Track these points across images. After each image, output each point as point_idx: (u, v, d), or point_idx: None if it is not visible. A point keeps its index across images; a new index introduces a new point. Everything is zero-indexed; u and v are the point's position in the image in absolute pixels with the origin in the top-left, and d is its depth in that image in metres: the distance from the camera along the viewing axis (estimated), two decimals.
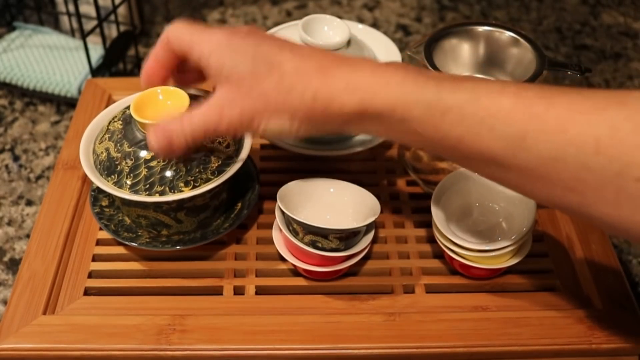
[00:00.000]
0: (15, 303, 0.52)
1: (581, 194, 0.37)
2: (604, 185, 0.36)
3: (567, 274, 0.56)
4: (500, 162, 0.39)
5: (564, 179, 0.37)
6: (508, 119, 0.38)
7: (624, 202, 0.36)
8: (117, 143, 0.52)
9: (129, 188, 0.51)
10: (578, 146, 0.36)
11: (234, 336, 0.50)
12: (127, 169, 0.51)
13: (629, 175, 0.35)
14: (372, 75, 0.43)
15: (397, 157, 0.66)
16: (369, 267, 0.56)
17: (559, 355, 0.51)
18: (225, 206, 0.58)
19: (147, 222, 0.55)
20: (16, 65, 0.82)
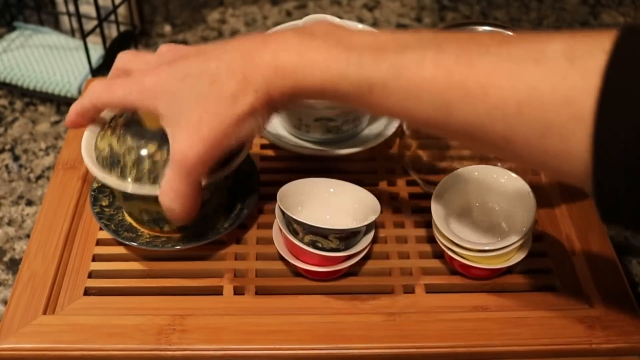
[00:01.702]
0: (15, 303, 0.52)
1: (513, 151, 0.39)
2: (531, 143, 0.37)
3: (567, 274, 0.56)
4: (434, 125, 0.41)
5: (493, 139, 0.39)
6: (432, 90, 0.39)
7: (552, 158, 0.37)
8: (120, 137, 0.52)
9: (133, 181, 0.51)
10: (502, 109, 0.37)
11: (234, 336, 0.50)
12: (130, 163, 0.51)
13: (553, 133, 0.36)
14: (297, 56, 0.43)
15: (397, 157, 0.66)
16: (369, 267, 0.56)
17: (559, 355, 0.51)
18: (226, 203, 0.57)
19: (149, 217, 0.54)
20: (16, 65, 0.82)
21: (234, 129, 0.46)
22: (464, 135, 0.40)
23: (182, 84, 0.46)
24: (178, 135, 0.46)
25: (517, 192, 0.55)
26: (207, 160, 0.46)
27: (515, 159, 0.40)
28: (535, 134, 0.37)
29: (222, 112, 0.45)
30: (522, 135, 0.37)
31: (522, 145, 0.38)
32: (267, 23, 0.99)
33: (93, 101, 0.50)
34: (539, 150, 0.37)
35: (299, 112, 0.62)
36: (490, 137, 0.39)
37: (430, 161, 0.64)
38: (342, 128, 0.63)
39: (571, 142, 0.35)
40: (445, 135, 0.42)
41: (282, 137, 0.65)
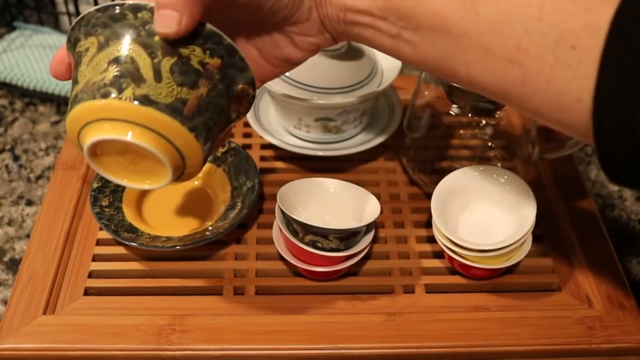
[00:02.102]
0: (15, 303, 0.52)
1: (522, 68, 0.38)
2: (543, 54, 0.37)
3: (567, 274, 0.56)
4: (451, 28, 0.40)
5: (507, 48, 0.38)
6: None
7: (560, 73, 0.36)
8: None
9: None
10: (523, 11, 0.37)
11: (234, 336, 0.50)
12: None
13: (566, 42, 0.36)
14: None
15: (397, 157, 0.66)
16: (369, 267, 0.56)
17: (559, 355, 0.51)
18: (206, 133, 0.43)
19: (116, 72, 0.41)
20: (16, 65, 0.82)
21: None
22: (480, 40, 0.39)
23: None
24: None
25: (517, 192, 0.55)
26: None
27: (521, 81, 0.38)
28: (549, 41, 0.36)
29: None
30: (535, 42, 0.37)
31: (533, 56, 0.37)
32: None
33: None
34: (549, 62, 0.37)
35: (299, 112, 0.62)
36: (503, 45, 0.38)
37: (430, 161, 0.65)
38: (342, 128, 0.63)
39: (582, 53, 0.35)
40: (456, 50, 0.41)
41: (282, 137, 0.65)
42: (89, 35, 0.43)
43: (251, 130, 0.69)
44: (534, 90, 0.38)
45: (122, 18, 0.41)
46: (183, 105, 0.41)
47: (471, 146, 0.66)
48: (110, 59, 0.41)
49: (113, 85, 0.40)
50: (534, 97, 0.39)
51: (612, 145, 0.36)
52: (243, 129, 0.70)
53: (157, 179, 0.43)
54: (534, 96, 0.39)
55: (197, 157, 0.43)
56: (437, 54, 0.42)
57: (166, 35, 0.40)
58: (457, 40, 0.40)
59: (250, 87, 0.45)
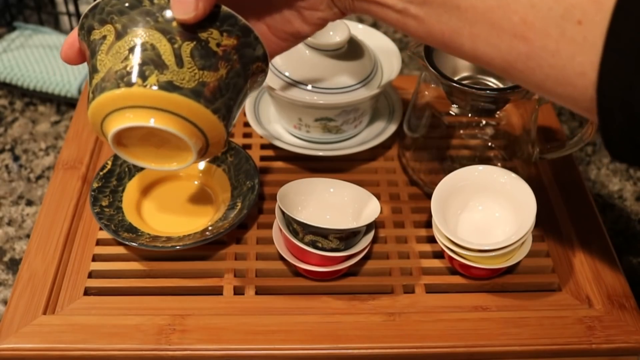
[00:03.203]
0: (15, 303, 0.52)
1: (527, 42, 0.38)
2: (548, 28, 0.37)
3: (567, 274, 0.56)
4: (458, 3, 0.40)
5: (514, 22, 0.38)
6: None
7: (565, 47, 0.36)
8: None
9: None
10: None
11: (234, 336, 0.50)
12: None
13: (572, 17, 0.36)
14: None
15: (397, 157, 0.66)
16: (369, 267, 0.56)
17: (559, 355, 0.51)
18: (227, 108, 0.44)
19: (137, 60, 0.41)
20: (16, 65, 0.82)
21: None
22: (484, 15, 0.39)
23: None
24: None
25: (517, 192, 0.55)
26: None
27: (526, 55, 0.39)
28: (555, 15, 0.36)
29: None
30: (541, 16, 0.37)
31: (539, 30, 0.37)
32: None
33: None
34: (554, 37, 0.37)
35: (299, 112, 0.62)
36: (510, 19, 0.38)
37: (430, 161, 0.64)
38: (342, 128, 0.63)
39: (587, 28, 0.35)
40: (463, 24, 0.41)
41: (282, 137, 0.65)
42: (104, 23, 0.43)
43: (251, 130, 0.69)
44: (538, 64, 0.38)
45: (139, 5, 0.42)
46: (206, 89, 0.42)
47: (471, 146, 0.66)
48: (131, 46, 0.41)
49: (136, 73, 0.41)
50: (538, 70, 0.39)
51: (615, 120, 0.36)
52: (243, 129, 0.70)
53: (182, 160, 0.45)
54: (539, 70, 0.39)
55: (221, 136, 0.44)
56: (443, 29, 0.42)
57: (185, 21, 0.41)
58: (464, 15, 0.40)
59: (264, 63, 0.46)
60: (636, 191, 0.72)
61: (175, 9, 0.41)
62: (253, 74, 0.46)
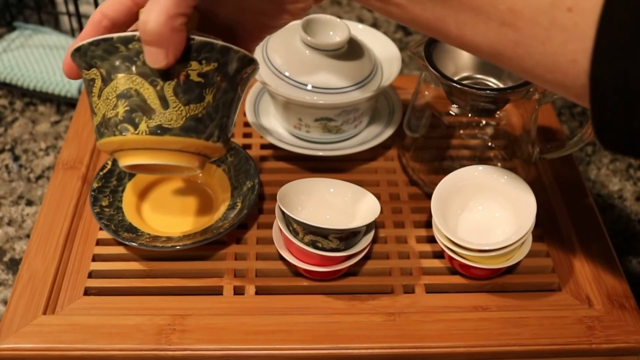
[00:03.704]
0: (15, 303, 0.52)
1: (516, 29, 0.37)
2: (537, 16, 0.36)
3: (567, 274, 0.56)
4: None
5: (501, 10, 0.37)
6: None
7: (555, 35, 0.36)
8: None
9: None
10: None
11: (234, 336, 0.50)
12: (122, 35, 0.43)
13: (562, 4, 0.35)
14: None
15: (397, 157, 0.66)
16: (369, 267, 0.56)
17: (559, 355, 0.51)
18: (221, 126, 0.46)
19: (126, 107, 0.43)
20: (16, 65, 0.82)
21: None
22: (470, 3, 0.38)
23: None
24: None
25: (517, 192, 0.55)
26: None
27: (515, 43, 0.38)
28: (543, 3, 0.36)
29: None
30: (529, 4, 0.36)
31: (528, 18, 0.36)
32: None
33: (102, 8, 0.45)
34: (544, 24, 0.36)
35: (299, 112, 0.62)
36: (496, 7, 0.37)
37: (430, 161, 0.64)
38: (342, 128, 0.63)
39: (578, 15, 0.35)
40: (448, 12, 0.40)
41: (282, 137, 0.65)
42: (90, 67, 0.45)
43: (251, 130, 0.69)
44: (528, 52, 0.38)
45: (116, 51, 0.43)
46: (195, 121, 0.44)
47: (471, 146, 0.66)
48: (117, 93, 0.44)
49: (127, 121, 0.43)
50: (528, 58, 0.38)
51: (608, 108, 0.35)
52: (243, 129, 0.70)
53: (187, 171, 0.49)
54: (528, 57, 0.38)
55: (220, 150, 0.47)
56: (427, 16, 0.41)
57: (158, 68, 0.42)
58: (449, 4, 0.39)
59: (250, 67, 0.46)
60: (636, 191, 0.72)
61: (147, 59, 0.42)
62: (242, 80, 0.46)
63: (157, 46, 0.41)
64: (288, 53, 0.62)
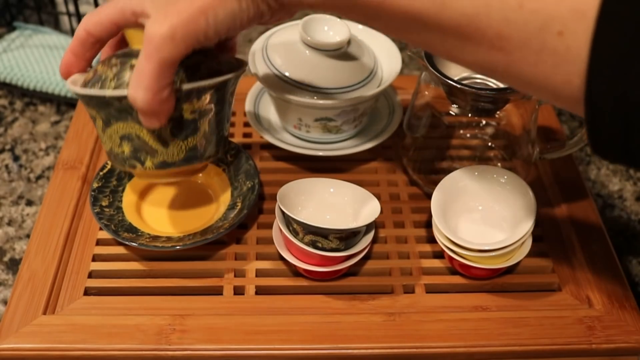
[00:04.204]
0: (15, 303, 0.52)
1: (506, 53, 0.37)
2: (527, 41, 0.35)
3: (567, 274, 0.56)
4: (425, 22, 0.38)
5: (489, 37, 0.36)
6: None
7: (547, 58, 0.35)
8: (105, 62, 0.49)
9: (112, 89, 0.46)
10: (501, 0, 0.35)
11: (234, 336, 0.50)
12: (111, 75, 0.46)
13: (551, 28, 0.34)
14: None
15: (397, 157, 0.66)
16: (369, 267, 0.56)
17: (559, 355, 0.51)
18: (218, 142, 0.51)
19: (130, 148, 0.48)
20: (16, 65, 0.82)
21: (214, 6, 0.42)
22: (456, 31, 0.38)
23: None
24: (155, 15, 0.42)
25: (517, 192, 0.55)
26: (179, 38, 0.42)
27: (506, 65, 0.37)
28: (532, 28, 0.35)
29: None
30: (518, 30, 0.35)
31: (516, 44, 0.36)
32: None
33: (86, 25, 0.47)
34: (533, 50, 0.35)
35: (299, 112, 0.62)
36: (484, 35, 0.36)
37: (430, 161, 0.64)
38: (342, 128, 0.63)
39: (569, 38, 0.34)
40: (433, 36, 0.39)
41: (282, 137, 0.65)
42: (90, 109, 0.49)
43: (251, 130, 0.69)
44: (520, 72, 0.37)
45: (110, 105, 0.46)
46: (195, 151, 0.49)
47: (471, 146, 0.66)
48: (120, 135, 0.48)
49: (133, 158, 0.49)
50: (520, 77, 0.37)
51: (604, 127, 0.34)
52: (243, 129, 0.70)
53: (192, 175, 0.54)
54: (520, 77, 0.37)
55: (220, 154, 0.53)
56: (413, 39, 0.41)
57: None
58: (433, 32, 0.39)
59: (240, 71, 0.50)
60: (636, 191, 0.72)
61: (141, 121, 0.45)
62: (232, 90, 0.51)
63: (150, 116, 0.44)
64: (288, 53, 0.61)
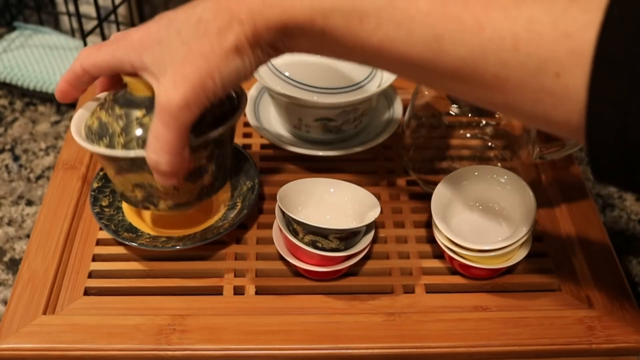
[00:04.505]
0: (15, 303, 0.52)
1: (504, 93, 0.37)
2: (524, 82, 0.35)
3: (567, 274, 0.56)
4: (422, 65, 0.39)
5: (486, 79, 0.37)
6: (425, 22, 0.38)
7: (545, 98, 0.35)
8: (108, 109, 0.50)
9: (122, 147, 0.49)
10: (497, 44, 0.35)
11: (234, 336, 0.50)
12: (119, 130, 0.49)
13: (549, 70, 0.34)
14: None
15: (397, 157, 0.66)
16: (369, 267, 0.56)
17: (559, 355, 0.51)
18: (225, 177, 0.55)
19: (142, 193, 0.51)
20: (16, 65, 0.82)
21: (219, 68, 0.43)
22: (453, 75, 0.38)
23: (167, 31, 0.44)
24: (162, 80, 0.44)
25: (517, 192, 0.55)
26: (193, 104, 0.43)
27: (505, 104, 0.37)
28: (529, 71, 0.35)
29: (206, 49, 0.43)
30: (515, 72, 0.35)
31: (514, 85, 0.36)
32: None
33: (82, 63, 0.48)
34: (532, 90, 0.35)
35: (299, 112, 0.62)
36: (481, 77, 0.37)
37: (430, 161, 0.64)
38: (342, 128, 0.63)
39: (567, 79, 0.34)
40: (432, 77, 0.40)
41: (282, 137, 0.65)
42: (100, 161, 0.52)
43: (251, 130, 0.69)
44: (519, 110, 0.37)
45: (123, 160, 0.49)
46: (205, 189, 0.53)
47: (471, 146, 0.66)
48: (132, 183, 0.51)
49: (147, 201, 0.52)
50: (520, 114, 0.38)
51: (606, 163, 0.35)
52: (243, 129, 0.70)
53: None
54: (521, 113, 0.38)
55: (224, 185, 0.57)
56: (412, 79, 0.42)
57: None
58: (432, 74, 0.39)
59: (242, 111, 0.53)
60: None
61: (157, 180, 0.47)
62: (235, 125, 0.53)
63: (171, 177, 0.47)
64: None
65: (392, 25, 0.39)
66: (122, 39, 0.46)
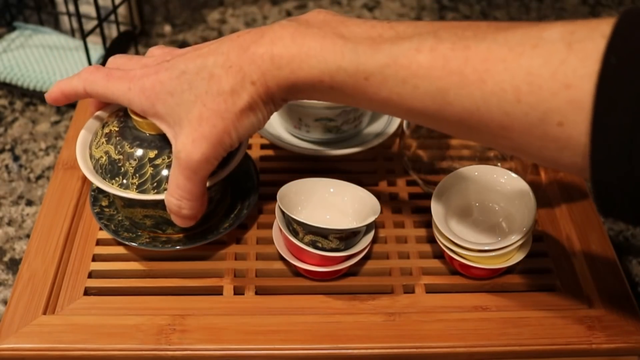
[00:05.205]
0: (15, 303, 0.52)
1: (511, 140, 0.38)
2: (529, 131, 0.37)
3: (567, 274, 0.56)
4: (430, 115, 0.40)
5: (491, 127, 0.38)
6: (428, 78, 0.39)
7: (550, 145, 0.36)
8: (116, 145, 0.52)
9: (136, 188, 0.51)
10: (499, 96, 0.37)
11: (234, 336, 0.50)
12: (132, 170, 0.51)
13: (551, 120, 0.35)
14: (293, 45, 0.43)
15: (397, 157, 0.66)
16: (369, 267, 0.56)
17: (559, 355, 0.51)
18: (226, 202, 0.58)
19: (152, 222, 0.54)
20: (16, 65, 0.82)
21: (235, 125, 0.46)
22: (460, 124, 0.40)
23: (179, 82, 0.46)
24: (180, 135, 0.46)
25: (517, 192, 0.55)
26: (212, 159, 0.47)
27: (513, 148, 0.39)
28: (533, 120, 0.36)
29: (221, 108, 0.45)
30: (519, 121, 0.37)
31: (519, 133, 0.37)
32: (267, 23, 0.99)
33: (88, 88, 0.50)
34: (536, 137, 0.37)
35: (299, 112, 0.62)
36: (487, 126, 0.38)
37: (430, 161, 0.64)
38: (342, 128, 0.63)
39: (570, 128, 0.35)
40: (440, 125, 0.42)
41: (282, 137, 0.65)
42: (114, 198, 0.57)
43: None
44: (527, 153, 0.39)
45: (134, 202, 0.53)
46: (210, 215, 0.56)
47: (471, 146, 0.66)
48: (143, 214, 0.54)
49: (156, 228, 0.55)
50: (528, 156, 0.39)
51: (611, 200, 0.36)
52: None
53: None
54: (529, 156, 0.39)
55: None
56: (421, 124, 0.44)
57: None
58: (439, 123, 0.41)
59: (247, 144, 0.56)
60: None
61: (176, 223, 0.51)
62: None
63: (191, 219, 0.50)
64: None
65: (396, 82, 0.40)
66: (133, 80, 0.48)
